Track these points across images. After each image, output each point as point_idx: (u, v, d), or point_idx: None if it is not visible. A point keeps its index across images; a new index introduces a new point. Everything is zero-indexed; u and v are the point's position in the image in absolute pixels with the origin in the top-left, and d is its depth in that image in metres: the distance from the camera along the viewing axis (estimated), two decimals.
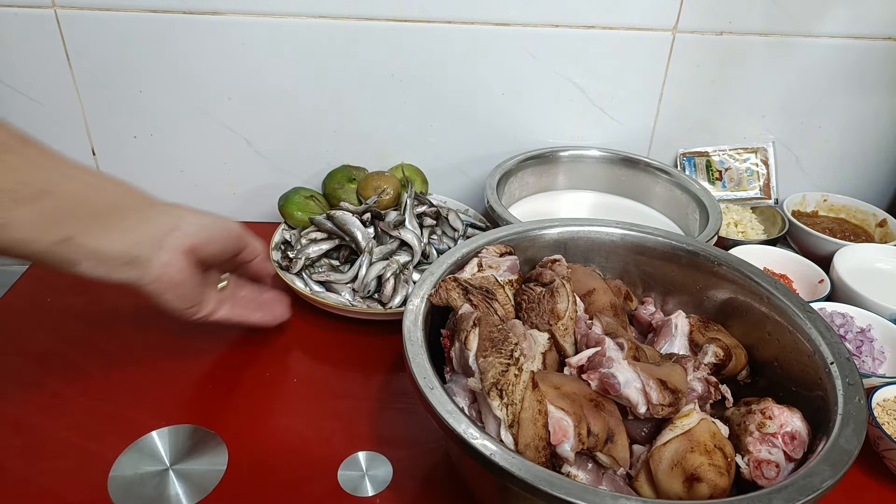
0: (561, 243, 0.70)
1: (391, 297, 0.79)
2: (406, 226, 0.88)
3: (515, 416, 0.47)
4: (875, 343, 0.75)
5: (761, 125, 1.04)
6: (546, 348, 0.57)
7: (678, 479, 0.47)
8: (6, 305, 0.82)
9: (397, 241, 0.86)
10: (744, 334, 0.63)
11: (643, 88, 0.99)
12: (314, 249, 0.84)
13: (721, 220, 0.87)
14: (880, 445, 0.63)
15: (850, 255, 0.88)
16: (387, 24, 0.90)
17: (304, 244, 0.85)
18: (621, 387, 0.50)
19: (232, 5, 0.86)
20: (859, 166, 1.09)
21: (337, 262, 0.86)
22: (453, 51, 0.93)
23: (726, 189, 1.06)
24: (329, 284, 0.82)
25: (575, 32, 0.93)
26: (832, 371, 0.52)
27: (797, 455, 0.50)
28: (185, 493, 0.58)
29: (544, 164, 1.01)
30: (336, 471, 0.61)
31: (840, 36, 0.96)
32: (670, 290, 0.70)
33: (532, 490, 0.41)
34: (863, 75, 1.00)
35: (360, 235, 0.83)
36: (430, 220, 0.91)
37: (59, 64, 0.89)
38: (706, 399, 0.55)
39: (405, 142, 1.00)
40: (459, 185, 1.05)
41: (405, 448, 0.64)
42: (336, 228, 0.85)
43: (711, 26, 0.94)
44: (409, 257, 0.85)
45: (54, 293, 0.85)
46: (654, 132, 1.04)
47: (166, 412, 0.67)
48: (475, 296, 0.58)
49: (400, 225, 0.87)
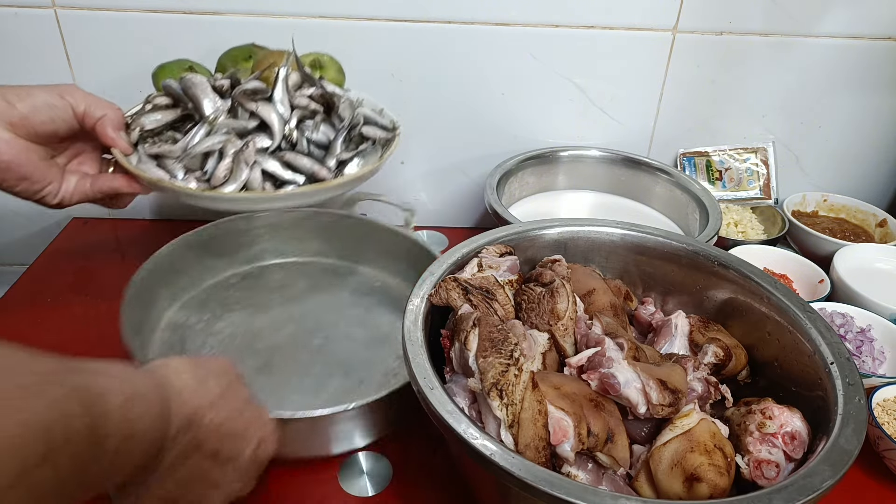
0: (561, 243, 0.70)
1: (223, 179, 0.63)
2: (273, 101, 0.69)
3: (515, 416, 0.47)
4: (875, 343, 0.75)
5: (761, 125, 1.04)
6: (546, 348, 0.57)
7: (678, 479, 0.47)
8: (6, 305, 0.82)
9: (257, 120, 0.69)
10: (744, 334, 0.63)
11: (643, 88, 0.99)
12: (153, 119, 0.68)
13: (721, 220, 0.87)
14: (880, 445, 0.63)
15: (850, 255, 0.88)
16: (387, 24, 0.90)
17: (146, 111, 0.69)
18: (621, 387, 0.50)
19: (232, 5, 0.86)
20: (859, 166, 1.09)
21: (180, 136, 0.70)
22: (453, 51, 0.93)
23: (726, 189, 1.06)
24: (161, 158, 0.66)
25: (575, 32, 0.93)
26: (832, 371, 0.52)
27: (797, 455, 0.50)
28: None
29: (544, 164, 1.01)
30: (336, 471, 0.61)
31: (840, 36, 0.96)
32: (670, 290, 0.70)
33: (532, 490, 0.41)
34: (863, 75, 1.00)
35: (206, 102, 0.67)
36: (315, 105, 0.72)
37: (59, 64, 0.89)
38: (706, 399, 0.55)
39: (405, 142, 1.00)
40: (459, 185, 1.05)
41: (405, 448, 0.64)
42: (183, 94, 0.69)
43: (711, 26, 0.94)
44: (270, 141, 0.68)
45: (54, 293, 0.85)
46: (654, 132, 1.04)
47: None
48: (475, 296, 0.58)
49: (261, 98, 0.69)
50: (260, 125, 0.68)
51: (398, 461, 0.63)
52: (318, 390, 0.67)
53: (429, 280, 0.60)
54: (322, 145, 0.70)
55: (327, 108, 0.73)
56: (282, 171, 0.64)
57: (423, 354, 0.51)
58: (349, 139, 0.71)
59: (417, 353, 0.51)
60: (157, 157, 0.65)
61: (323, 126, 0.71)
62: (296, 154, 0.65)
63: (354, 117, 0.72)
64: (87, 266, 0.91)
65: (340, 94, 0.76)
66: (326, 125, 0.71)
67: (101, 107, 0.63)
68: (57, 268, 0.90)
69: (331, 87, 0.76)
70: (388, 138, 0.73)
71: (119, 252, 0.98)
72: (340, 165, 0.67)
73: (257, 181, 0.63)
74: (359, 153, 0.69)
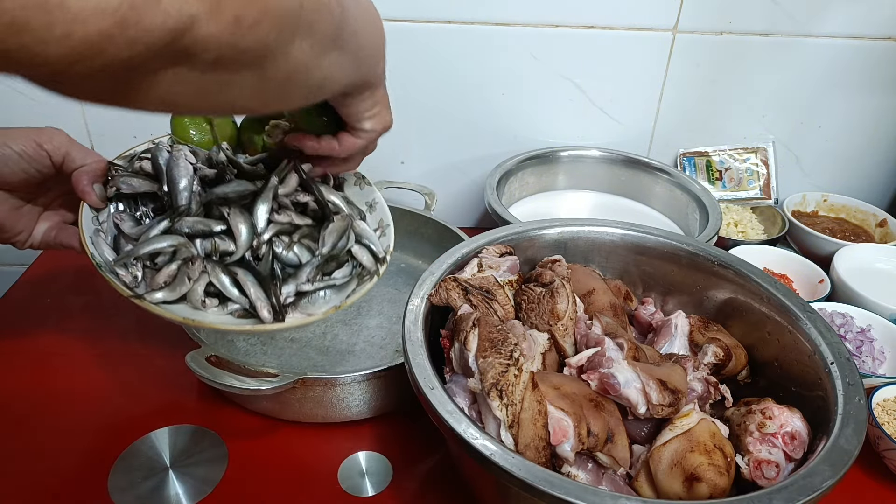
0: (561, 243, 0.70)
1: (161, 285, 0.55)
2: (253, 209, 0.59)
3: (515, 416, 0.47)
4: (875, 343, 0.75)
5: (761, 125, 1.04)
6: (546, 349, 0.57)
7: (678, 479, 0.47)
8: (6, 305, 0.82)
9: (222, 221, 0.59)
10: (744, 334, 0.63)
11: (643, 88, 0.99)
12: (129, 184, 0.59)
13: (721, 220, 0.87)
14: (880, 445, 0.63)
15: (850, 255, 0.88)
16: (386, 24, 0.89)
17: (129, 171, 0.61)
18: (621, 387, 0.50)
19: None
20: (859, 166, 1.09)
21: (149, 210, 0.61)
22: (453, 51, 0.93)
23: (726, 189, 1.06)
24: (120, 232, 0.59)
25: (575, 32, 0.93)
26: (832, 371, 0.52)
27: (797, 455, 0.50)
28: (185, 493, 0.58)
29: (544, 164, 1.01)
30: (336, 471, 0.61)
31: (840, 36, 0.96)
32: (670, 290, 0.70)
33: (532, 490, 0.41)
34: (863, 75, 1.00)
35: (182, 190, 0.58)
36: (299, 220, 0.61)
37: None
38: (706, 399, 0.55)
39: (405, 142, 1.00)
40: (459, 185, 1.05)
41: (405, 448, 0.64)
42: (164, 171, 0.59)
43: (711, 26, 0.94)
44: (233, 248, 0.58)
45: (54, 293, 0.85)
46: (654, 132, 1.04)
47: (166, 412, 0.67)
48: (475, 296, 0.58)
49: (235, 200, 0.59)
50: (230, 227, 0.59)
51: (398, 461, 0.63)
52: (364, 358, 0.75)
53: (429, 280, 0.60)
54: (292, 265, 0.60)
55: (322, 216, 0.62)
56: (229, 289, 0.56)
57: (423, 354, 0.51)
58: (325, 264, 0.61)
59: (417, 353, 0.51)
60: (118, 228, 0.59)
61: (297, 247, 0.60)
62: (247, 275, 0.57)
63: (337, 248, 0.61)
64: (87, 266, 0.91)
65: (341, 205, 0.64)
66: (301, 246, 0.61)
67: (82, 156, 0.60)
68: (57, 268, 0.90)
69: (332, 195, 0.64)
70: (369, 272, 0.61)
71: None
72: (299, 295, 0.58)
73: (197, 296, 0.56)
74: (329, 286, 0.60)
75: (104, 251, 0.57)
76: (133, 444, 0.62)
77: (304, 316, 0.58)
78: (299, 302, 0.58)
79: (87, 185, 0.58)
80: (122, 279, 0.55)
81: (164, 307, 0.55)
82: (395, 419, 0.67)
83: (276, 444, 0.64)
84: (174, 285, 0.55)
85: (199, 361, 0.59)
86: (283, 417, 0.66)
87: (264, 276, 0.58)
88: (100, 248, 0.57)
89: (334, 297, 0.59)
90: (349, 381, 0.62)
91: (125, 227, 0.58)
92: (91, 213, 0.59)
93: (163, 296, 0.55)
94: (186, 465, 0.61)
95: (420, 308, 0.56)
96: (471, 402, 0.51)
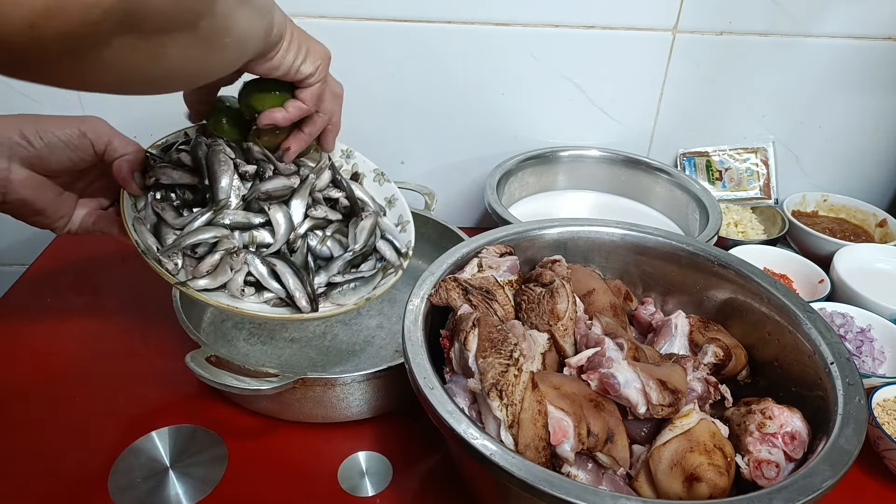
0: (561, 243, 0.70)
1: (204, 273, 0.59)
2: (290, 203, 0.64)
3: (515, 416, 0.47)
4: (875, 343, 0.75)
5: (761, 125, 1.04)
6: (546, 349, 0.57)
7: (678, 479, 0.47)
8: (6, 305, 0.82)
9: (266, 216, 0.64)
10: (744, 334, 0.63)
11: (643, 88, 0.99)
12: (169, 175, 0.63)
13: (721, 220, 0.87)
14: (880, 445, 0.63)
15: (850, 255, 0.88)
16: (387, 24, 0.90)
17: (168, 162, 0.64)
18: (621, 387, 0.50)
19: None
20: (859, 166, 1.09)
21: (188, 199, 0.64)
22: (453, 51, 0.93)
23: (726, 189, 1.06)
24: (161, 220, 0.62)
25: (575, 32, 0.93)
26: (832, 371, 0.52)
27: (797, 455, 0.50)
28: (185, 493, 0.58)
29: (544, 164, 1.01)
30: (336, 471, 0.61)
31: (840, 36, 0.96)
32: (670, 290, 0.70)
33: (532, 490, 0.41)
34: (863, 75, 1.00)
35: (223, 184, 0.62)
36: (332, 215, 0.66)
37: None
38: (706, 399, 0.55)
39: (405, 142, 1.00)
40: (459, 185, 1.05)
41: (405, 448, 0.64)
42: (204, 165, 0.62)
43: (711, 26, 0.94)
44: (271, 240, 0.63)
45: (54, 293, 0.85)
46: (654, 132, 1.04)
47: (166, 412, 0.67)
48: (475, 296, 0.58)
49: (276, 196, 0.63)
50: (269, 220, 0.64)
51: (398, 461, 0.63)
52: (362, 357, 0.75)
53: (429, 280, 0.60)
54: (324, 257, 0.65)
55: (350, 212, 0.67)
56: (267, 280, 0.61)
57: (423, 354, 0.51)
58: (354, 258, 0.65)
59: (417, 353, 0.51)
60: (159, 217, 0.62)
61: (330, 242, 0.65)
62: (286, 266, 0.61)
63: (367, 245, 0.66)
64: (87, 266, 0.91)
65: (368, 202, 0.69)
66: (334, 241, 0.66)
67: (123, 145, 0.62)
68: (57, 268, 0.90)
69: (360, 192, 0.70)
70: (393, 266, 0.67)
71: (119, 252, 0.98)
72: (330, 286, 0.63)
73: (237, 285, 0.60)
74: (357, 278, 0.64)
75: (147, 238, 0.61)
76: (133, 444, 0.62)
77: (336, 306, 0.63)
78: (330, 293, 0.63)
79: (128, 174, 0.61)
80: (164, 266, 0.59)
81: (206, 294, 0.59)
82: (395, 419, 0.67)
83: (275, 444, 0.64)
84: (215, 274, 0.60)
85: (199, 361, 0.59)
86: (283, 417, 0.66)
87: (299, 268, 0.62)
88: (143, 236, 0.61)
89: (362, 288, 0.64)
90: (349, 381, 0.62)
91: (168, 217, 0.62)
92: (130, 199, 0.63)
93: (205, 283, 0.59)
94: (186, 465, 0.61)
95: (420, 308, 0.56)
96: (471, 402, 0.51)
